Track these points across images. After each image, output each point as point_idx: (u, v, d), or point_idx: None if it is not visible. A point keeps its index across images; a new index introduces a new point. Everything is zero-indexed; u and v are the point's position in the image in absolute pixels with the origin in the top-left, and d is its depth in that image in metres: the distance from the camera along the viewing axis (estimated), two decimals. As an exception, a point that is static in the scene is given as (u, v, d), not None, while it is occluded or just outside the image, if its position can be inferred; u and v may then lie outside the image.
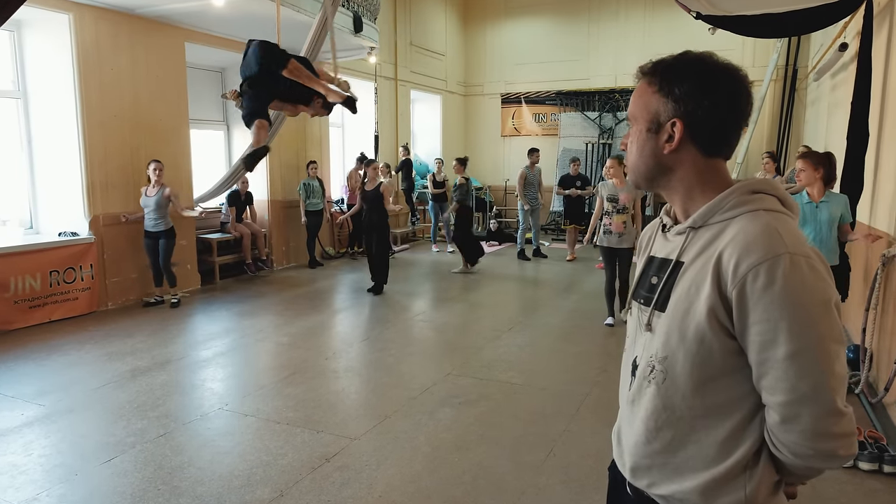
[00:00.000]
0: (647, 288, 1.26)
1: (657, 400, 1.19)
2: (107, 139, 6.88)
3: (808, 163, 4.32)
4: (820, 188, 4.29)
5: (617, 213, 6.16)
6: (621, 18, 13.09)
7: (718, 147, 1.18)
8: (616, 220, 6.15)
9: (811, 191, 4.30)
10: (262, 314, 6.85)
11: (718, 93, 1.14)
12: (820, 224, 4.23)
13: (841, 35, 6.69)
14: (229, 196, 8.70)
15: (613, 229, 6.16)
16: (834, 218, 4.24)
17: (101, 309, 6.90)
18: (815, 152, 4.76)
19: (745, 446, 1.13)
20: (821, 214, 4.24)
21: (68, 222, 6.80)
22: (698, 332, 1.11)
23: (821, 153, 4.59)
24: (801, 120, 11.55)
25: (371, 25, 8.91)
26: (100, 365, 5.11)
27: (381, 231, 7.77)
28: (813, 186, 4.30)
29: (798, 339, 1.02)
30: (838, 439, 1.06)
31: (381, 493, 3.14)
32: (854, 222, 4.85)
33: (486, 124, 14.79)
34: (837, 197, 4.30)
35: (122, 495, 3.12)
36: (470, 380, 4.76)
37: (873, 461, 3.31)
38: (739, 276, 1.05)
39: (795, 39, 11.21)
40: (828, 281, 1.06)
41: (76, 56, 6.51)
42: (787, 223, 1.11)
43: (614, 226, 6.16)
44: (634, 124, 1.23)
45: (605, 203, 6.22)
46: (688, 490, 1.16)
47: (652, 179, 1.24)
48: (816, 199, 4.27)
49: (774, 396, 1.06)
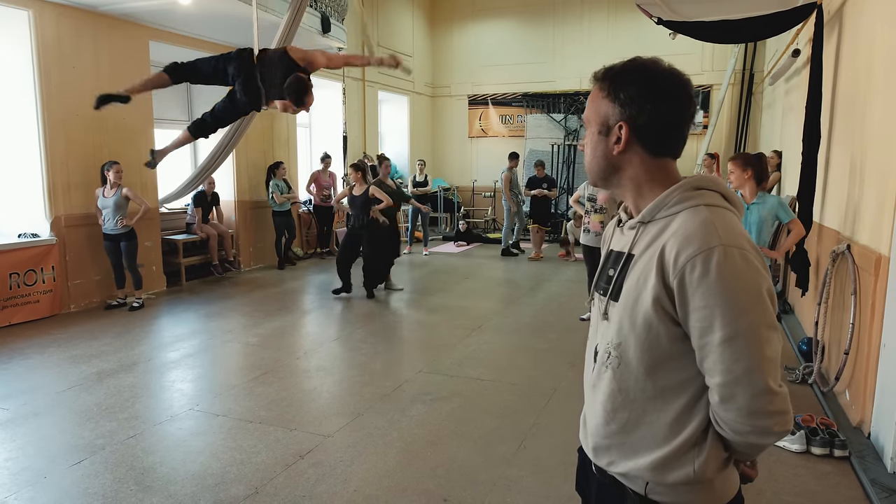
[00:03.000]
0: (605, 279, 1.34)
1: (613, 384, 1.28)
2: (68, 138, 6.74)
3: (736, 164, 4.29)
4: (752, 189, 4.23)
5: (595, 212, 6.30)
6: (585, 22, 13.34)
7: (664, 147, 1.27)
8: (594, 220, 6.30)
9: (743, 192, 4.25)
10: (230, 315, 6.80)
11: (661, 97, 1.22)
12: (750, 226, 4.19)
13: (794, 41, 6.98)
14: (195, 197, 8.60)
15: (592, 228, 6.32)
16: (764, 219, 4.21)
17: (63, 312, 6.75)
18: (744, 154, 4.82)
19: (692, 425, 1.21)
20: (751, 216, 4.21)
21: (28, 223, 6.64)
22: (646, 319, 1.20)
23: (750, 154, 4.69)
24: (757, 123, 11.95)
25: (339, 26, 8.91)
26: (64, 368, 5.02)
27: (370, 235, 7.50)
28: (744, 188, 4.24)
29: (731, 325, 1.11)
30: (772, 416, 1.14)
31: (357, 488, 3.19)
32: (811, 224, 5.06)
33: (454, 125, 14.89)
34: (769, 198, 4.26)
35: (94, 496, 3.10)
36: (441, 377, 4.83)
37: (825, 446, 3.49)
38: (679, 266, 1.14)
39: (752, 45, 11.60)
40: (760, 271, 1.14)
41: (36, 53, 6.36)
42: (725, 217, 1.19)
43: (592, 225, 6.31)
44: (589, 127, 1.32)
45: (585, 202, 6.37)
46: (642, 467, 1.25)
47: (606, 179, 1.33)
48: (749, 200, 4.23)
49: (713, 378, 1.15)
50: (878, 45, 3.92)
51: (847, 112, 4.74)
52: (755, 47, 11.74)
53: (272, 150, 9.79)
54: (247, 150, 9.19)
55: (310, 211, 10.72)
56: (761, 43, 11.34)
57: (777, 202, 4.28)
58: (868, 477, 3.19)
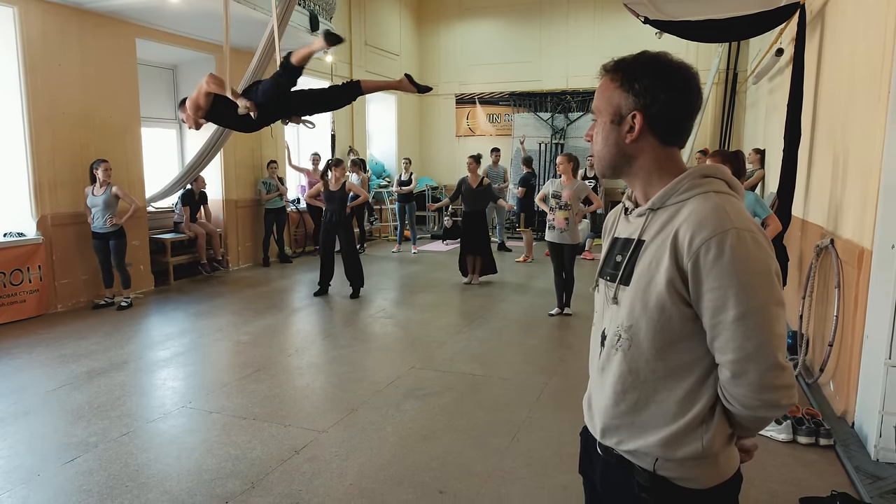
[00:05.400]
0: (612, 266, 1.39)
1: (623, 365, 1.32)
2: (54, 136, 6.68)
3: (715, 160, 4.35)
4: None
5: (560, 209, 6.40)
6: (571, 22, 13.44)
7: (674, 136, 1.33)
8: (559, 216, 6.41)
9: None
10: (219, 314, 6.78)
11: (673, 88, 1.28)
12: None
13: (777, 41, 7.09)
14: (183, 195, 8.56)
15: (556, 224, 6.43)
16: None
17: (50, 312, 6.69)
18: (722, 151, 4.93)
19: (700, 403, 1.26)
20: None
21: (14, 222, 6.58)
22: (659, 301, 1.24)
23: (729, 151, 4.80)
24: (741, 122, 12.12)
25: (327, 24, 8.91)
26: (53, 367, 4.98)
27: (346, 231, 7.61)
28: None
29: (744, 304, 1.17)
30: (780, 390, 1.20)
31: (352, 482, 3.21)
32: (790, 218, 5.16)
33: (441, 124, 14.93)
34: (747, 195, 4.32)
35: (89, 493, 3.09)
36: (434, 373, 4.86)
37: (810, 435, 3.58)
38: (693, 249, 1.19)
39: (735, 45, 11.77)
40: (769, 253, 1.21)
41: (21, 51, 6.31)
42: (733, 203, 1.25)
43: (557, 221, 6.42)
44: (599, 117, 1.37)
45: (550, 199, 6.46)
46: (652, 444, 1.29)
47: (616, 167, 1.37)
48: None
49: (725, 355, 1.20)
50: (860, 44, 4.01)
51: (830, 110, 4.84)
52: (738, 47, 11.90)
53: (260, 148, 9.76)
54: (235, 149, 9.16)
55: (297, 209, 10.71)
56: (744, 43, 11.51)
57: (754, 199, 4.43)
58: (852, 464, 3.28)
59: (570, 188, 6.41)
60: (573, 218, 6.40)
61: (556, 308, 6.61)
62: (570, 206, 6.37)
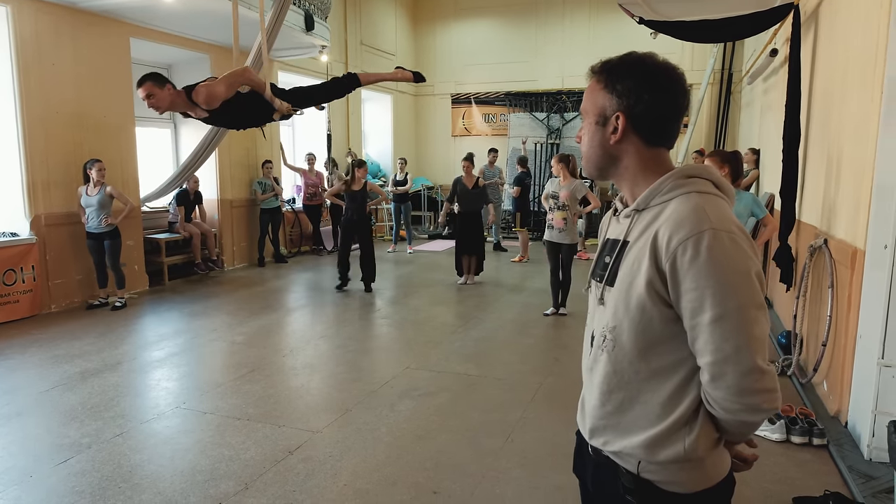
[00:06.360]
0: (601, 266, 1.39)
1: (608, 366, 1.32)
2: (48, 136, 6.65)
3: (714, 160, 4.34)
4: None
5: (558, 209, 6.43)
6: (567, 22, 13.45)
7: (659, 137, 1.32)
8: (557, 217, 6.44)
9: None
10: (214, 314, 6.76)
11: (658, 88, 1.27)
12: None
13: (772, 41, 7.11)
14: (178, 195, 8.53)
15: (555, 224, 6.48)
16: (741, 215, 4.28)
17: (43, 312, 6.66)
18: (720, 151, 4.93)
19: (683, 405, 1.25)
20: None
21: (7, 222, 6.54)
22: (640, 302, 1.24)
23: (727, 151, 4.80)
24: (736, 122, 12.14)
25: (322, 24, 8.90)
26: (46, 368, 4.96)
27: (365, 231, 7.91)
28: None
29: (721, 306, 1.15)
30: (761, 394, 1.19)
31: (347, 482, 3.20)
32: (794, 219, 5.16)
33: (437, 124, 14.92)
34: (744, 195, 4.36)
35: (81, 494, 3.08)
36: (428, 373, 4.86)
37: (804, 435, 3.59)
38: (671, 250, 1.19)
39: (730, 45, 11.79)
40: (748, 253, 1.19)
41: (14, 50, 6.27)
42: (715, 203, 1.24)
43: (555, 221, 6.48)
44: (586, 118, 1.37)
45: (549, 199, 6.50)
46: (635, 445, 1.29)
47: (602, 168, 1.37)
48: None
49: (704, 357, 1.20)
50: (853, 44, 4.02)
51: (823, 110, 4.86)
52: (734, 47, 11.93)
53: (255, 148, 9.74)
54: (230, 149, 9.14)
55: (293, 209, 10.70)
56: (739, 43, 11.53)
57: (752, 199, 4.44)
58: (846, 464, 3.29)
59: (567, 188, 6.42)
60: (571, 218, 6.43)
61: (551, 308, 6.62)
62: (568, 206, 6.38)
